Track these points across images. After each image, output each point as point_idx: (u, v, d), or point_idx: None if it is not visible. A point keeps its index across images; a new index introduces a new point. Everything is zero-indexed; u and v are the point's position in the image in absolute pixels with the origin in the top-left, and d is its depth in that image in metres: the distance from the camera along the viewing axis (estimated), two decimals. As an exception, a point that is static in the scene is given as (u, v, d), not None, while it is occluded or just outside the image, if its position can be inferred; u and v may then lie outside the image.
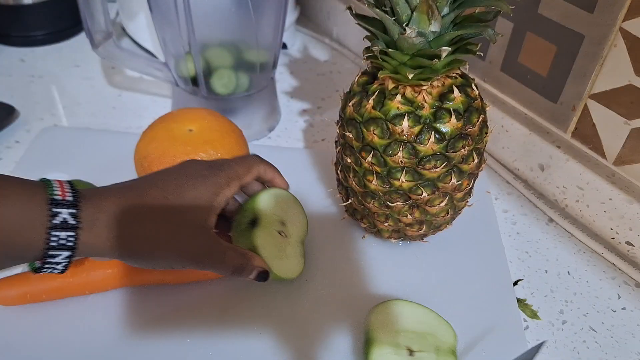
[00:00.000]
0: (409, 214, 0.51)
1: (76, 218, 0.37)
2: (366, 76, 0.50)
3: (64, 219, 0.36)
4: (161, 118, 0.58)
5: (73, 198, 0.37)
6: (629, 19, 0.53)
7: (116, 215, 0.39)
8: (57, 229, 0.36)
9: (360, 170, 0.50)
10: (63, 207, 0.36)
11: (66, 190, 0.37)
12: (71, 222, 0.36)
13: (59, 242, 0.36)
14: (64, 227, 0.36)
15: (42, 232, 0.36)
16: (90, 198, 0.39)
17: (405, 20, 0.43)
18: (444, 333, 0.47)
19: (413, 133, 0.46)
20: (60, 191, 0.37)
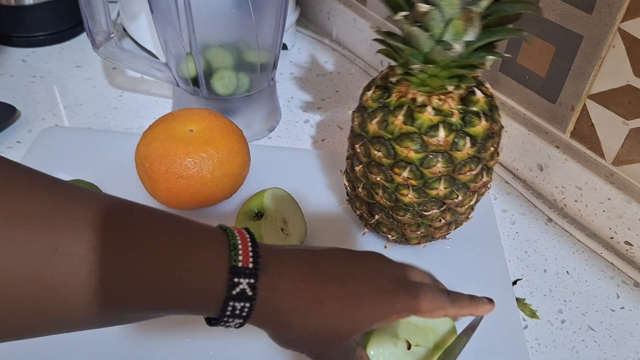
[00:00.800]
0: (441, 218, 0.51)
1: (254, 290, 0.34)
2: (379, 90, 0.49)
3: (243, 289, 0.34)
4: (162, 118, 0.58)
5: (254, 265, 0.34)
6: (628, 20, 0.53)
7: (286, 303, 0.36)
8: (234, 299, 0.34)
9: (391, 186, 0.49)
10: (243, 277, 0.34)
11: (249, 252, 0.35)
12: (248, 293, 0.34)
13: (233, 311, 0.34)
14: (241, 298, 0.34)
15: (219, 300, 0.34)
16: (268, 270, 0.35)
17: (438, 33, 0.42)
18: (445, 329, 0.47)
19: (448, 142, 0.46)
20: (243, 253, 0.34)
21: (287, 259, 0.38)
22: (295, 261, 0.38)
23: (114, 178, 0.62)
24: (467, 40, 0.43)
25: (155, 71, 0.68)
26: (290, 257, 0.38)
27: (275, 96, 0.75)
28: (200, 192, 0.55)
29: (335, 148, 0.72)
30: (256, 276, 0.34)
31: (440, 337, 0.46)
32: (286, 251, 0.38)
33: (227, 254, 0.34)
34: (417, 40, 0.43)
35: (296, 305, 0.36)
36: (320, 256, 0.39)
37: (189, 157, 0.54)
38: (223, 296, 0.34)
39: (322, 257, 0.39)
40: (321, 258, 0.39)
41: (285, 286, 0.36)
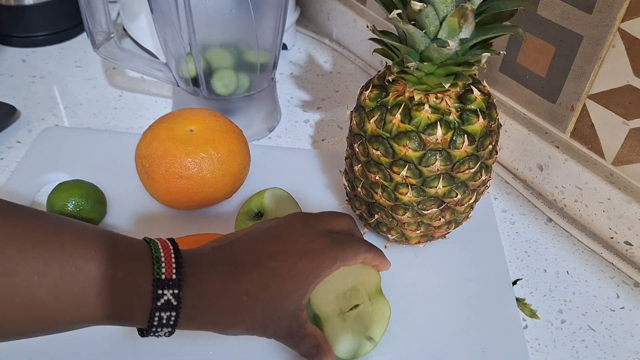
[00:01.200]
0: (441, 217, 0.51)
1: (178, 299, 0.36)
2: (376, 89, 0.49)
3: (168, 299, 0.35)
4: (162, 118, 0.58)
5: (177, 276, 0.36)
6: (628, 20, 0.53)
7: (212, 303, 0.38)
8: (159, 310, 0.35)
9: (390, 185, 0.49)
10: (167, 288, 0.35)
11: (172, 264, 0.36)
12: (173, 303, 0.36)
13: (160, 321, 0.36)
14: (167, 308, 0.35)
15: (145, 311, 0.35)
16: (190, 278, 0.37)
17: (433, 31, 0.42)
18: (369, 276, 0.48)
19: (446, 140, 0.46)
20: (166, 266, 0.36)
21: (208, 260, 0.39)
22: (215, 260, 0.40)
23: (114, 178, 0.62)
24: (462, 37, 0.43)
25: (155, 71, 0.68)
26: (210, 258, 0.40)
27: (275, 96, 0.75)
28: (200, 192, 0.55)
29: (335, 148, 0.72)
30: (179, 286, 0.36)
31: (369, 286, 0.47)
32: (205, 254, 0.40)
33: (150, 267, 0.35)
34: (412, 39, 0.43)
35: (225, 304, 0.38)
36: (240, 248, 0.41)
37: (189, 157, 0.54)
38: (149, 308, 0.35)
39: (242, 249, 0.41)
40: (238, 248, 0.41)
41: (209, 290, 0.38)
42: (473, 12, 0.41)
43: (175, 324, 0.36)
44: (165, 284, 0.35)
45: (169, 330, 0.37)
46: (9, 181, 0.62)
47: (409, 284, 0.55)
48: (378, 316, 0.47)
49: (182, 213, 0.60)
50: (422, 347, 0.49)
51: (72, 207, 0.54)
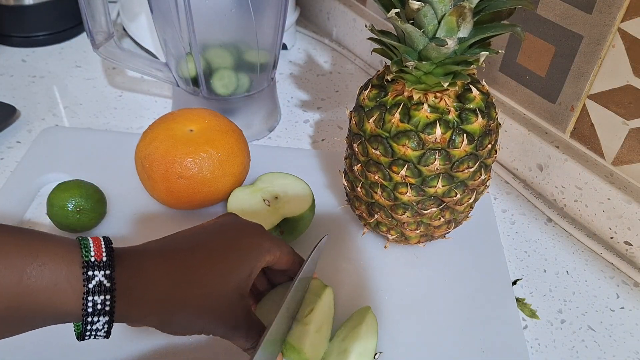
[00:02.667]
0: (440, 216, 0.51)
1: (111, 280, 0.35)
2: (375, 89, 0.49)
3: (99, 281, 0.34)
4: (161, 118, 0.58)
5: (108, 258, 0.35)
6: (628, 20, 0.53)
7: (153, 283, 0.37)
8: (92, 293, 0.34)
9: (389, 184, 0.49)
10: (97, 269, 0.34)
11: (102, 249, 0.35)
12: (106, 285, 0.34)
13: (95, 307, 0.34)
14: (99, 290, 0.34)
15: (77, 296, 0.34)
16: (125, 259, 0.36)
17: (432, 30, 0.43)
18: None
19: (445, 139, 0.46)
20: (96, 251, 0.35)
21: (143, 249, 0.39)
22: (153, 247, 0.39)
23: (113, 178, 0.62)
24: (461, 36, 0.43)
25: (155, 71, 0.68)
26: (146, 246, 0.39)
27: (275, 96, 0.75)
28: (200, 192, 0.55)
29: (335, 148, 0.72)
30: (112, 267, 0.35)
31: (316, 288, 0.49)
32: (142, 245, 0.40)
33: (79, 252, 0.35)
34: (410, 38, 0.43)
35: (166, 284, 0.37)
36: (179, 236, 0.41)
37: (189, 157, 0.54)
38: (80, 292, 0.34)
39: (180, 237, 0.41)
40: (179, 237, 0.41)
41: (145, 269, 0.37)
42: (471, 11, 0.41)
43: (112, 311, 0.35)
44: (95, 265, 0.34)
45: (107, 320, 0.35)
46: (9, 181, 0.62)
47: (409, 284, 0.55)
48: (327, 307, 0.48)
49: (182, 213, 0.60)
50: (422, 347, 0.49)
51: (72, 207, 0.54)
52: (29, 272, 0.32)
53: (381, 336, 0.50)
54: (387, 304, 0.53)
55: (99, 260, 0.35)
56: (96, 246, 0.35)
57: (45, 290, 0.33)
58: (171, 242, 0.40)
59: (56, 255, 0.34)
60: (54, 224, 0.56)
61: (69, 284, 0.34)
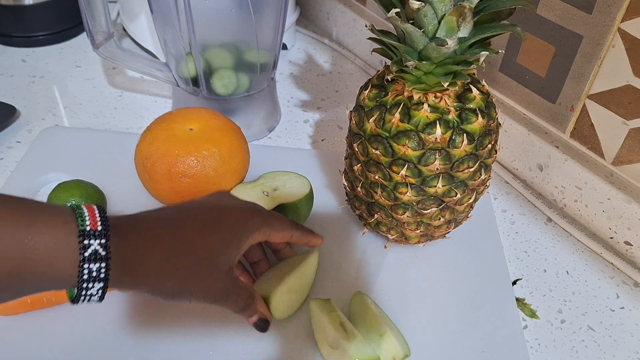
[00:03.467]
0: (440, 216, 0.51)
1: (106, 249, 0.36)
2: (375, 89, 0.49)
3: (95, 250, 0.35)
4: (160, 118, 0.58)
5: (103, 227, 0.36)
6: (628, 20, 0.53)
7: (147, 252, 0.38)
8: (88, 261, 0.35)
9: (389, 184, 0.49)
10: (93, 238, 0.35)
11: (97, 218, 0.36)
12: (101, 253, 0.35)
13: (90, 274, 0.35)
14: (95, 258, 0.35)
15: (73, 264, 0.35)
16: (120, 229, 0.37)
17: (432, 30, 0.43)
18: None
19: (445, 139, 0.46)
20: (91, 220, 0.36)
21: (138, 218, 0.40)
22: (146, 217, 0.40)
23: (113, 178, 0.62)
24: (461, 36, 0.43)
25: (155, 71, 0.68)
26: (140, 216, 0.40)
27: (275, 96, 0.75)
28: (204, 190, 0.55)
29: (335, 148, 0.72)
30: (107, 236, 0.36)
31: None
32: (136, 214, 0.40)
33: (75, 222, 0.35)
34: (410, 38, 0.43)
35: (155, 251, 0.39)
36: (173, 209, 0.43)
37: (191, 155, 0.54)
38: (77, 260, 0.35)
39: (174, 209, 0.43)
40: (174, 210, 0.43)
41: (139, 238, 0.38)
42: (471, 11, 0.41)
43: (107, 278, 0.36)
44: (91, 234, 0.35)
45: (101, 286, 0.36)
46: (9, 181, 0.62)
47: (409, 283, 0.55)
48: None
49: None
50: (422, 346, 0.49)
51: (72, 207, 0.54)
52: (26, 241, 0.33)
53: (381, 336, 0.50)
54: (387, 304, 0.53)
55: (94, 230, 0.36)
56: (91, 215, 0.36)
57: (42, 258, 0.34)
58: (165, 215, 0.42)
59: (52, 224, 0.35)
60: (54, 224, 0.55)
61: (65, 253, 0.35)
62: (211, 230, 0.42)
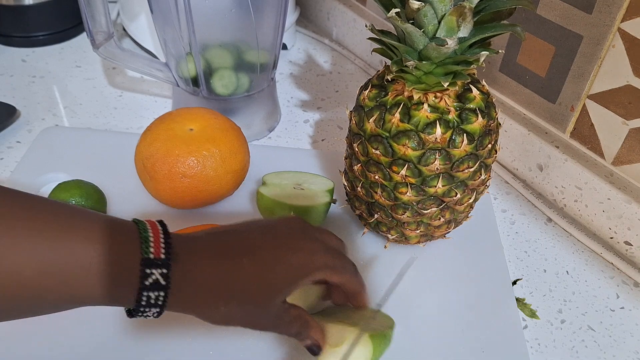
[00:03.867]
0: (440, 216, 0.51)
1: (167, 279, 0.35)
2: (375, 89, 0.49)
3: (156, 279, 0.35)
4: (160, 118, 0.58)
5: (166, 256, 0.36)
6: (628, 20, 0.53)
7: (205, 281, 0.38)
8: (148, 289, 0.35)
9: (390, 184, 0.49)
10: (155, 267, 0.35)
11: (160, 244, 0.36)
12: (162, 283, 0.35)
13: (148, 300, 0.36)
14: (155, 287, 0.35)
15: (133, 289, 0.35)
16: (180, 259, 0.37)
17: (432, 30, 0.43)
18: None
19: (445, 139, 0.46)
20: (154, 246, 0.36)
21: (199, 244, 0.39)
22: (207, 245, 0.40)
23: (113, 178, 0.62)
24: (461, 36, 0.43)
25: (155, 71, 0.68)
26: (201, 242, 0.40)
27: (275, 96, 0.75)
28: (204, 190, 0.55)
29: (335, 148, 0.72)
30: (168, 266, 0.35)
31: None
32: (197, 237, 0.40)
33: (139, 247, 0.35)
34: (410, 38, 0.43)
35: (212, 285, 0.38)
36: (231, 235, 0.41)
37: (191, 155, 0.54)
38: (137, 287, 0.35)
39: (232, 235, 0.41)
40: (232, 236, 0.41)
41: (198, 271, 0.38)
42: (471, 11, 0.41)
43: (164, 304, 0.36)
44: (154, 263, 0.35)
45: (157, 310, 0.37)
46: (9, 181, 0.62)
47: (409, 284, 0.55)
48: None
49: (183, 212, 0.60)
50: (422, 347, 0.49)
51: (72, 207, 0.54)
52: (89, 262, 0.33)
53: (381, 336, 0.50)
54: (386, 304, 0.53)
55: (157, 258, 0.35)
56: (155, 238, 0.36)
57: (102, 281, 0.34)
58: (226, 244, 0.41)
59: (118, 247, 0.34)
60: (54, 224, 0.56)
61: (127, 280, 0.35)
62: (268, 269, 0.40)
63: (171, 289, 0.36)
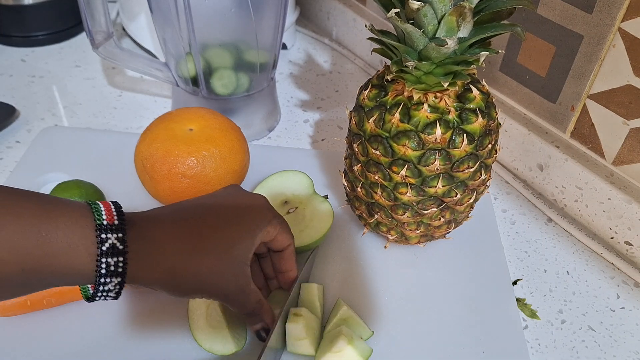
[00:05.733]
0: (441, 216, 0.51)
1: (124, 243, 0.36)
2: (375, 89, 0.49)
3: (113, 243, 0.36)
4: (160, 118, 0.58)
5: (120, 221, 0.36)
6: (628, 20, 0.53)
7: (164, 247, 0.39)
8: (106, 255, 0.35)
9: (389, 184, 0.49)
10: (110, 232, 0.36)
11: (113, 213, 0.37)
12: (119, 247, 0.36)
13: (108, 268, 0.35)
14: (113, 252, 0.35)
15: (91, 258, 0.35)
16: (136, 224, 0.38)
17: (432, 30, 0.43)
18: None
19: (445, 139, 0.46)
20: (107, 215, 0.36)
21: (154, 215, 0.40)
22: (160, 213, 0.41)
23: (113, 178, 0.62)
24: (461, 36, 0.43)
25: (154, 71, 0.68)
26: (156, 212, 0.41)
27: (275, 96, 0.75)
28: (203, 190, 0.55)
29: (335, 148, 0.72)
30: (124, 230, 0.36)
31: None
32: (152, 210, 0.41)
33: (91, 216, 0.36)
34: (410, 38, 0.43)
35: (177, 247, 0.39)
36: (189, 203, 0.44)
37: (191, 156, 0.54)
38: (94, 254, 0.35)
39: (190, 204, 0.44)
40: (189, 204, 0.43)
41: (157, 232, 0.39)
42: (471, 11, 0.41)
43: (124, 272, 0.36)
44: (108, 228, 0.36)
45: (119, 280, 0.36)
46: (8, 181, 0.62)
47: (409, 284, 0.55)
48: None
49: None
50: (422, 347, 0.49)
51: (71, 207, 0.54)
52: (44, 235, 0.33)
53: (381, 336, 0.50)
54: (386, 304, 0.53)
55: (111, 224, 0.36)
56: (107, 210, 0.37)
57: (59, 253, 0.34)
58: (180, 210, 0.42)
59: (70, 218, 0.35)
60: (54, 224, 0.55)
61: (83, 247, 0.35)
62: (226, 223, 0.42)
63: (129, 253, 0.36)
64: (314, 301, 0.50)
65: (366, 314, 0.52)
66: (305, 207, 0.56)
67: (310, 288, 0.51)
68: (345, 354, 0.45)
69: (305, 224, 0.56)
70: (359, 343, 0.47)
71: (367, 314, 0.52)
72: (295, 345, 0.47)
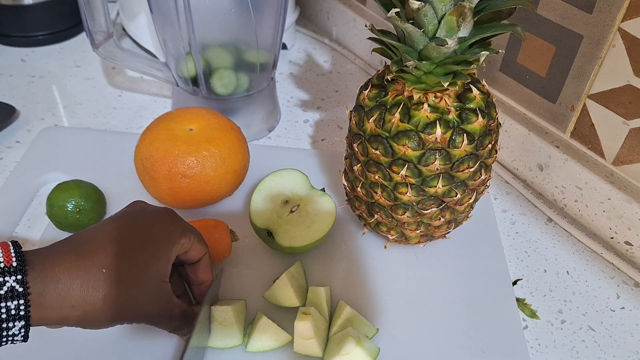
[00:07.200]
0: (441, 216, 0.51)
1: (24, 285, 0.34)
2: (375, 89, 0.49)
3: (11, 286, 0.34)
4: (160, 118, 0.58)
5: (18, 263, 0.35)
6: (628, 20, 0.53)
7: (69, 284, 0.36)
8: (5, 299, 0.33)
9: (390, 184, 0.49)
10: (8, 275, 0.34)
11: (11, 254, 0.35)
12: (18, 290, 0.34)
13: (9, 313, 0.34)
14: (12, 296, 0.34)
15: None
16: (37, 263, 0.36)
17: (432, 30, 0.43)
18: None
19: (445, 139, 0.46)
20: (5, 256, 0.34)
21: (54, 250, 0.38)
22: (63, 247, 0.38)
23: (113, 178, 0.62)
24: (461, 36, 0.43)
25: (154, 71, 0.68)
26: (56, 247, 0.38)
27: (275, 96, 0.75)
28: (203, 190, 0.55)
29: (335, 148, 0.72)
30: (23, 272, 0.35)
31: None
32: (54, 245, 0.39)
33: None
34: (410, 38, 0.43)
35: (81, 282, 0.37)
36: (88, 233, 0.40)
37: (191, 156, 0.54)
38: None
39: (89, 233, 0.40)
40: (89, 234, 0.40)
41: (60, 270, 0.36)
42: (471, 11, 0.41)
43: (27, 315, 0.34)
44: (6, 271, 0.34)
45: (23, 324, 0.35)
46: (8, 181, 0.62)
47: (409, 284, 0.55)
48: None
49: (182, 212, 0.60)
50: (422, 347, 0.49)
51: (71, 207, 0.54)
52: None
53: (381, 336, 0.50)
54: (387, 304, 0.53)
55: (9, 266, 0.34)
56: (5, 251, 0.35)
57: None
58: (82, 240, 0.40)
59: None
60: (54, 224, 0.56)
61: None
62: (134, 247, 0.40)
63: (32, 295, 0.35)
64: (321, 304, 0.50)
65: (366, 314, 0.52)
66: (306, 203, 0.56)
67: (318, 291, 0.50)
68: (354, 356, 0.44)
69: (310, 220, 0.55)
70: (367, 343, 0.46)
71: (367, 314, 0.52)
72: (303, 345, 0.46)
